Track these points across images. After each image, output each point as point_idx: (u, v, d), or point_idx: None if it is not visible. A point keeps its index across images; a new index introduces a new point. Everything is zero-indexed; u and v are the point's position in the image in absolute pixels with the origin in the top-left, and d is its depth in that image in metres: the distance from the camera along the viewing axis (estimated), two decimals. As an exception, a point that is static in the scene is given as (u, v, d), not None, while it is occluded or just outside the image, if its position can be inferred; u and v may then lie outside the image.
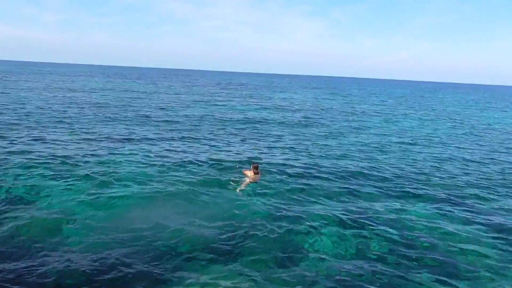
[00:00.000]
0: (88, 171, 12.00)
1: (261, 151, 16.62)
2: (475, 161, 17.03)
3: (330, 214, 9.65)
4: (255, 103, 40.47)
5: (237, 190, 10.97)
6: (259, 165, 12.18)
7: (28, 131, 18.02)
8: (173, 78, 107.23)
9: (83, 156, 13.78)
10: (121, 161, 13.38)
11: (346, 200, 10.94)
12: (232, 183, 11.50)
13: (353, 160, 15.82)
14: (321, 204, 10.51)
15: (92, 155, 14.09)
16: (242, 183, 11.43)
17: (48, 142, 15.80)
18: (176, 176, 12.09)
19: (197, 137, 18.97)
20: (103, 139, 17.17)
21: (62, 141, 16.28)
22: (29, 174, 11.52)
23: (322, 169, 13.89)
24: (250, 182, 11.55)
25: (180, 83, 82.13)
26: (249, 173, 11.81)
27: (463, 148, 20.31)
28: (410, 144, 20.50)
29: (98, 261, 7.00)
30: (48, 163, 12.71)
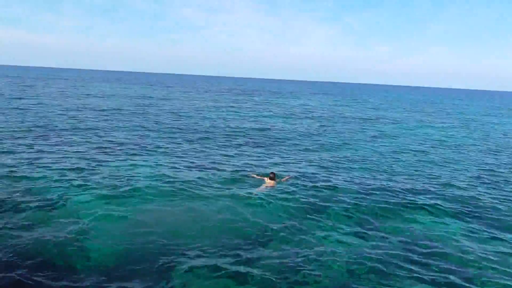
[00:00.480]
0: (101, 179, 12.08)
1: (276, 159, 16.57)
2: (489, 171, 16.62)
3: (343, 225, 9.57)
4: (268, 110, 40.51)
5: (253, 194, 11.18)
6: (275, 173, 12.61)
7: (42, 137, 18.37)
8: (186, 84, 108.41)
9: (96, 165, 13.85)
10: (134, 168, 13.47)
11: (361, 211, 10.72)
12: (248, 189, 11.58)
13: (369, 170, 15.58)
14: (335, 213, 10.38)
15: (106, 162, 14.27)
16: (258, 189, 11.74)
17: (60, 149, 16.08)
18: (190, 183, 12.12)
19: (210, 145, 19.02)
20: (117, 146, 17.35)
21: (76, 148, 16.52)
22: (44, 180, 11.70)
23: (338, 179, 13.78)
24: (266, 187, 11.88)
25: (193, 88, 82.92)
26: (266, 179, 12.29)
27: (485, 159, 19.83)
28: (426, 152, 20.14)
29: (109, 271, 6.99)
30: (62, 169, 12.93)
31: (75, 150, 15.72)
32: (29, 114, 25.55)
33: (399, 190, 12.78)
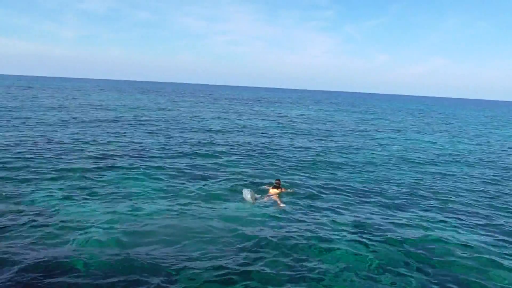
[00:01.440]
0: (102, 187, 12.24)
1: (278, 169, 16.65)
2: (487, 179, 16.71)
3: (344, 233, 9.67)
4: (269, 119, 40.67)
5: (255, 201, 11.51)
6: (280, 181, 12.85)
7: (44, 146, 18.49)
8: (186, 92, 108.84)
9: (99, 172, 14.06)
10: (135, 177, 13.60)
11: (362, 220, 10.86)
12: (251, 198, 11.69)
13: (370, 179, 15.78)
14: (336, 223, 10.50)
15: (108, 169, 14.43)
16: (263, 197, 12.07)
17: (62, 157, 16.19)
18: (191, 192, 12.26)
19: (211, 153, 19.10)
20: (118, 154, 17.48)
21: (72, 159, 16.61)
22: (45, 188, 11.84)
23: (341, 188, 13.99)
24: (271, 196, 12.16)
25: (192, 97, 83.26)
26: (271, 188, 12.54)
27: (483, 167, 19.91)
28: (426, 162, 20.23)
29: (106, 278, 7.06)
30: (63, 177, 13.06)
31: (71, 161, 15.78)
32: (31, 124, 25.69)
33: (400, 199, 12.93)
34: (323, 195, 12.84)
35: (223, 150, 20.23)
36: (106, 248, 8.14)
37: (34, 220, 9.36)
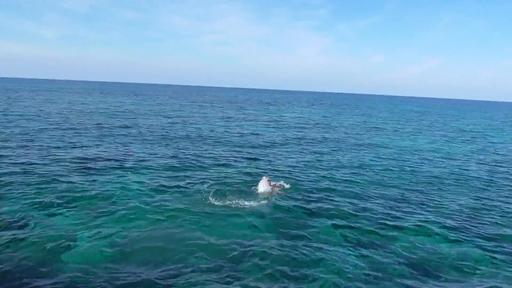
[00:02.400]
0: (84, 196, 12.09)
1: (270, 170, 16.61)
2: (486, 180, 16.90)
3: (339, 234, 9.90)
4: (261, 121, 40.65)
5: (246, 205, 11.72)
6: (270, 180, 13.46)
7: (24, 152, 18.21)
8: (174, 94, 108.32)
9: (80, 181, 13.89)
10: (119, 186, 13.46)
11: (356, 221, 11.06)
12: (243, 199, 11.99)
13: (366, 180, 15.90)
14: (331, 223, 10.71)
15: (89, 177, 14.24)
16: (257, 191, 12.87)
17: (47, 163, 15.95)
18: (178, 200, 12.20)
19: (197, 158, 19.03)
20: (99, 161, 17.28)
21: (57, 164, 16.39)
22: (28, 195, 11.70)
23: (336, 189, 14.32)
24: (263, 193, 12.81)
25: (182, 99, 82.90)
26: (262, 186, 13.09)
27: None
28: (421, 162, 20.40)
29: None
30: (42, 186, 12.88)
31: (56, 166, 15.58)
32: (11, 127, 25.27)
33: (396, 204, 13.02)
34: (318, 199, 12.90)
35: (211, 156, 20.13)
36: (90, 262, 8.02)
37: (14, 234, 9.16)
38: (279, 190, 13.37)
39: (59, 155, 17.86)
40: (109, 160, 17.42)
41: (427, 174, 18.12)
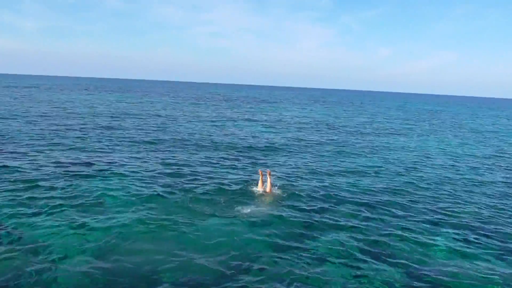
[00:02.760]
0: (68, 199, 12.04)
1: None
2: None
3: (340, 243, 9.94)
4: (259, 121, 40.48)
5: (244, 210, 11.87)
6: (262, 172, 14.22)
7: (3, 152, 17.92)
8: (165, 91, 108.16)
9: (64, 183, 13.75)
10: (104, 186, 13.48)
11: (359, 228, 11.14)
12: (238, 207, 12.10)
13: (372, 184, 15.78)
14: (334, 232, 10.71)
15: (74, 179, 14.01)
16: (254, 195, 13.38)
17: (20, 166, 15.65)
18: (173, 202, 12.35)
19: (196, 160, 18.92)
20: (84, 162, 17.03)
21: (39, 165, 16.16)
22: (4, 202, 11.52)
23: (339, 195, 14.27)
24: (260, 188, 13.65)
25: (173, 97, 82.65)
26: (260, 184, 13.81)
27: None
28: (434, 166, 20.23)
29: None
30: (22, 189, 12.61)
31: (35, 171, 15.28)
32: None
33: (400, 207, 12.91)
34: (320, 206, 12.82)
35: (203, 160, 19.89)
36: (76, 271, 7.96)
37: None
38: (277, 196, 13.44)
39: (38, 159, 17.56)
40: (93, 164, 17.13)
41: (438, 179, 17.98)
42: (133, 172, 16.02)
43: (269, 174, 13.67)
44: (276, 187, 14.23)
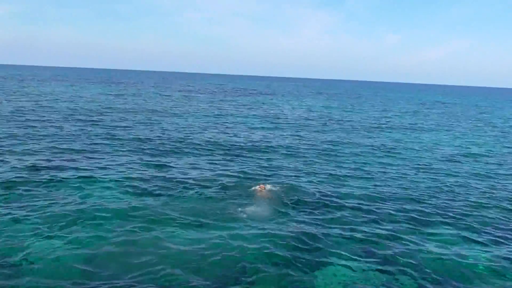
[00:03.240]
0: (50, 204, 12.15)
1: (266, 176, 16.71)
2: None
3: (346, 248, 10.15)
4: (256, 116, 40.52)
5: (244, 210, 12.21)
6: (265, 184, 14.49)
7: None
8: (154, 83, 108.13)
9: (44, 186, 13.89)
10: (90, 187, 13.79)
11: (366, 232, 11.31)
12: (237, 209, 12.37)
13: (380, 188, 15.93)
14: (338, 233, 10.99)
15: (55, 181, 14.07)
16: (253, 198, 13.44)
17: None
18: (164, 205, 12.55)
19: (181, 158, 18.97)
20: (68, 161, 17.06)
21: (17, 167, 16.15)
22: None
23: (344, 196, 14.59)
24: (258, 197, 13.60)
25: (163, 89, 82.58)
26: (258, 190, 13.99)
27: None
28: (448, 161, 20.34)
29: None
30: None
31: (8, 170, 15.33)
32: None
33: (405, 208, 13.02)
34: (324, 208, 13.12)
35: (198, 159, 19.95)
36: (57, 277, 8.09)
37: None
38: (277, 198, 13.67)
39: (12, 160, 17.51)
40: (73, 167, 17.11)
41: (452, 179, 18.17)
42: (117, 174, 16.07)
43: (264, 189, 14.19)
44: (276, 188, 14.44)
